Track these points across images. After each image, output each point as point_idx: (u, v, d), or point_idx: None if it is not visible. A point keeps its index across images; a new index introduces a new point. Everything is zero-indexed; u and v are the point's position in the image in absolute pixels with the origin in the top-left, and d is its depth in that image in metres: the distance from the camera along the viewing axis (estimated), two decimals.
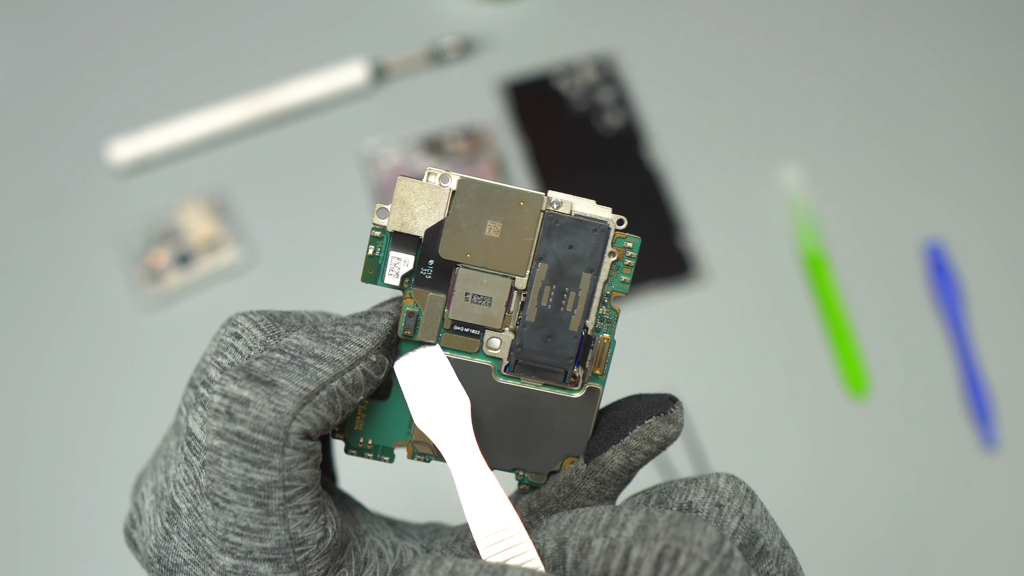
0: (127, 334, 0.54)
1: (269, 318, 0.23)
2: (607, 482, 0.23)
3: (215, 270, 0.55)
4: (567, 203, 0.23)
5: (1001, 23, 0.64)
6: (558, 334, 0.24)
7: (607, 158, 0.59)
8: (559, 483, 0.24)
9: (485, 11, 0.63)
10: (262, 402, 0.21)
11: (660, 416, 0.23)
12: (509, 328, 0.24)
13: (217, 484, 0.21)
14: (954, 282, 0.56)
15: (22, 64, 0.61)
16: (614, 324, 0.24)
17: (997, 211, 0.59)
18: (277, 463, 0.21)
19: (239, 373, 0.21)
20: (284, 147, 0.59)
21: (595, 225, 0.23)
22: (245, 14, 0.63)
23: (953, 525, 0.52)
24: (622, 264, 0.24)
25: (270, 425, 0.20)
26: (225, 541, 0.21)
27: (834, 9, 0.64)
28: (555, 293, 0.24)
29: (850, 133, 0.61)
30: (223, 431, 0.21)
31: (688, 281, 0.56)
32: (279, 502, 0.21)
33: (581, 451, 0.24)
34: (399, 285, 0.24)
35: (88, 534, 0.50)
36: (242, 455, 0.20)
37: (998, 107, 0.62)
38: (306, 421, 0.21)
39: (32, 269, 0.56)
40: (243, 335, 0.23)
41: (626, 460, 0.23)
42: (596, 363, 0.24)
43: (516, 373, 0.24)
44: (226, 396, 0.21)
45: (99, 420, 0.52)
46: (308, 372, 0.21)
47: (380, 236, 0.24)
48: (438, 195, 0.23)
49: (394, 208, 0.23)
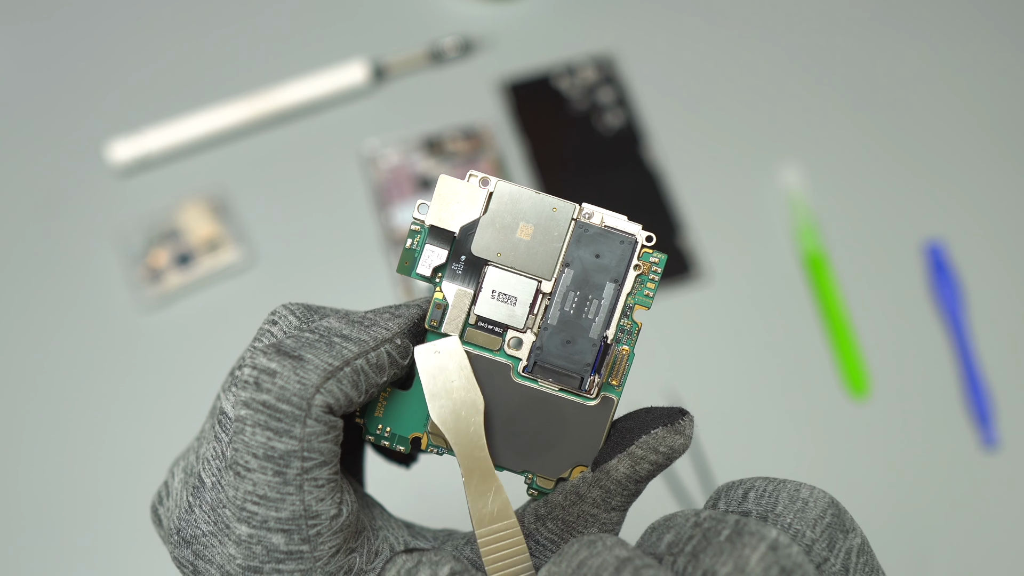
0: (127, 334, 0.54)
1: (306, 307, 0.24)
2: (612, 491, 0.24)
3: (215, 270, 0.55)
4: (599, 214, 0.24)
5: (1001, 23, 0.64)
6: (578, 340, 0.24)
7: (607, 158, 0.59)
8: (566, 490, 0.24)
9: (485, 11, 0.63)
10: (288, 373, 0.21)
11: (667, 427, 0.23)
12: (531, 329, 0.24)
13: (240, 453, 0.22)
14: (954, 282, 0.56)
15: (22, 64, 0.61)
16: (634, 337, 0.24)
17: (997, 211, 0.59)
18: (298, 433, 0.21)
19: (269, 348, 0.22)
20: (284, 147, 0.59)
21: (623, 237, 0.24)
22: (245, 14, 0.63)
23: (953, 525, 0.52)
24: (646, 278, 0.24)
25: (294, 395, 0.21)
26: (243, 510, 0.22)
27: (834, 9, 0.64)
28: (579, 300, 0.24)
29: (850, 133, 0.61)
30: (250, 400, 0.21)
31: (688, 281, 0.56)
32: (297, 471, 0.21)
33: (591, 460, 0.25)
34: (430, 277, 0.24)
35: (88, 534, 0.50)
36: (266, 423, 0.21)
37: (998, 107, 0.62)
38: (329, 395, 0.22)
39: (32, 269, 0.56)
40: (279, 321, 0.24)
41: (631, 469, 0.23)
42: (613, 373, 0.25)
43: (534, 375, 0.24)
44: (255, 368, 0.22)
45: (99, 420, 0.52)
46: (334, 349, 0.22)
47: (418, 231, 0.25)
48: (476, 195, 0.24)
49: (434, 203, 0.24)
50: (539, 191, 0.24)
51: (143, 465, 0.52)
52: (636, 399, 0.53)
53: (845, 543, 0.21)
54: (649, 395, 0.54)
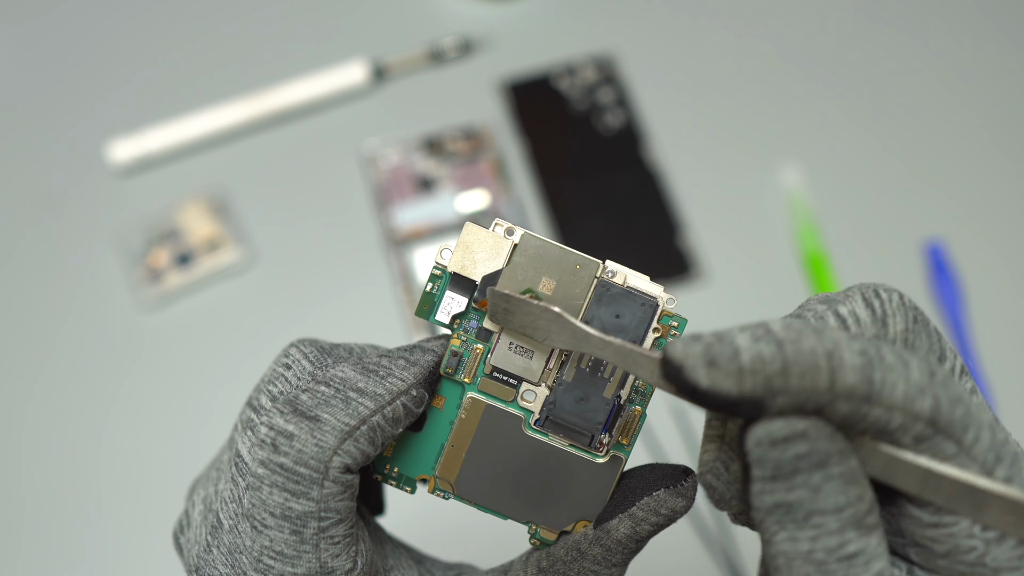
0: (127, 334, 0.54)
1: (319, 350, 0.24)
2: (613, 550, 0.24)
3: (215, 270, 0.55)
4: (621, 274, 0.24)
5: (1001, 23, 0.64)
6: (592, 398, 0.24)
7: (607, 158, 0.59)
8: (568, 545, 0.24)
9: (485, 11, 0.63)
10: (305, 436, 0.22)
11: (669, 489, 0.23)
12: (546, 384, 0.24)
13: (257, 509, 0.22)
14: (954, 282, 0.56)
15: (22, 64, 0.61)
16: (648, 398, 0.25)
17: (997, 211, 0.59)
18: (315, 495, 0.22)
19: (286, 407, 0.22)
20: (284, 147, 0.59)
21: (644, 299, 0.24)
22: (245, 14, 0.63)
23: None
24: (664, 341, 0.24)
25: (312, 459, 0.22)
26: (260, 562, 0.22)
27: (834, 9, 0.64)
28: (595, 358, 0.24)
29: (850, 133, 0.61)
30: (267, 461, 0.22)
31: (688, 281, 0.56)
32: (313, 531, 0.22)
33: (595, 516, 0.25)
34: (449, 324, 0.24)
35: (88, 534, 0.50)
36: (283, 485, 0.22)
37: (998, 107, 0.62)
38: (347, 455, 0.22)
39: (32, 269, 0.56)
40: (293, 366, 0.24)
41: (632, 530, 0.23)
42: (624, 433, 0.25)
43: (545, 428, 0.24)
44: (272, 428, 0.22)
45: (99, 420, 0.52)
46: (350, 406, 0.22)
47: (439, 275, 0.25)
48: (500, 245, 0.24)
49: (457, 250, 0.24)
50: (564, 246, 0.24)
51: (143, 465, 0.52)
52: None
53: None
54: None
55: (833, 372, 0.18)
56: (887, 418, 0.19)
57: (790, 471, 0.19)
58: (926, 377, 0.19)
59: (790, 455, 0.18)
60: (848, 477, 0.19)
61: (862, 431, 0.19)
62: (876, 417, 0.19)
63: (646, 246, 0.57)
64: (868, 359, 0.18)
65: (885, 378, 0.18)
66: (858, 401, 0.18)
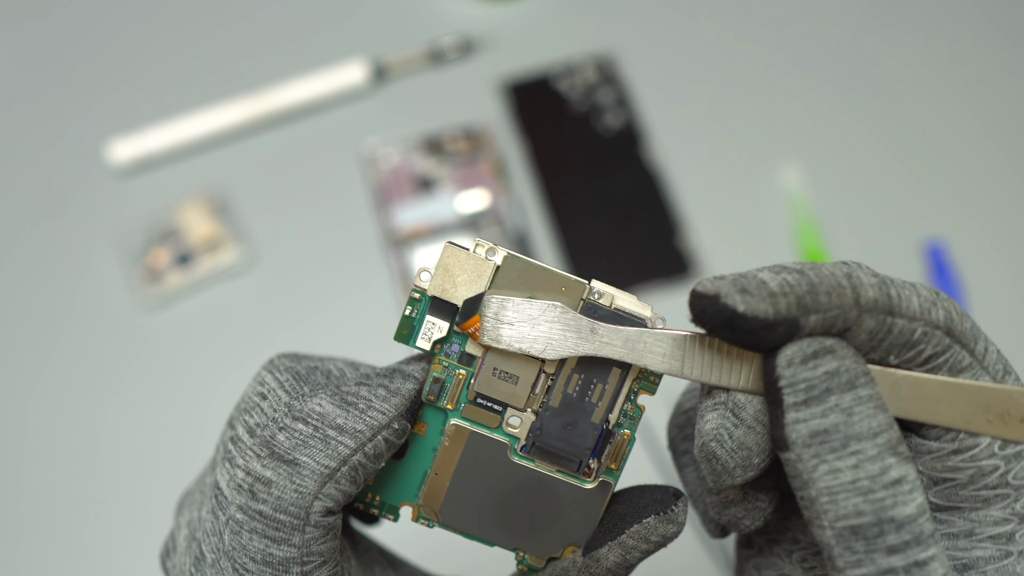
0: (127, 334, 0.54)
1: (294, 377, 0.23)
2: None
3: (215, 270, 0.55)
4: (608, 295, 0.23)
5: (1001, 23, 0.64)
6: (579, 423, 0.24)
7: (607, 158, 0.59)
8: (556, 573, 0.24)
9: (485, 11, 0.63)
10: (284, 483, 0.21)
11: (659, 516, 0.23)
12: (531, 409, 0.24)
13: (238, 552, 0.21)
14: (954, 282, 0.56)
15: (22, 64, 0.61)
16: (636, 421, 0.24)
17: (997, 211, 0.59)
18: (297, 541, 0.21)
19: (263, 449, 0.21)
20: (284, 147, 0.59)
21: (633, 320, 0.23)
22: (245, 14, 0.63)
23: None
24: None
25: (291, 505, 0.21)
26: None
27: (834, 9, 0.64)
28: (583, 382, 0.23)
29: (850, 133, 0.61)
30: (246, 507, 0.21)
31: (688, 281, 0.56)
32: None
33: (583, 542, 0.24)
34: (430, 350, 0.24)
35: (88, 534, 0.50)
36: (263, 532, 0.21)
37: (998, 107, 0.62)
38: (328, 499, 0.21)
39: (32, 269, 0.56)
40: (268, 396, 0.23)
41: (622, 558, 0.23)
42: (612, 458, 0.24)
43: (531, 455, 0.24)
44: (249, 474, 0.21)
45: (99, 420, 0.52)
46: (330, 447, 0.21)
47: (419, 299, 0.23)
48: (482, 268, 0.23)
49: (436, 273, 0.23)
50: (549, 267, 0.23)
51: (143, 465, 0.52)
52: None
53: None
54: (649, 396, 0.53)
55: (855, 289, 0.20)
56: (910, 329, 0.20)
57: (823, 391, 0.19)
58: (933, 294, 0.20)
59: (821, 372, 0.19)
60: (877, 401, 0.19)
61: (887, 350, 0.20)
62: (900, 328, 0.20)
63: (646, 246, 0.57)
64: (881, 279, 0.20)
65: (900, 293, 0.20)
66: (882, 314, 0.20)
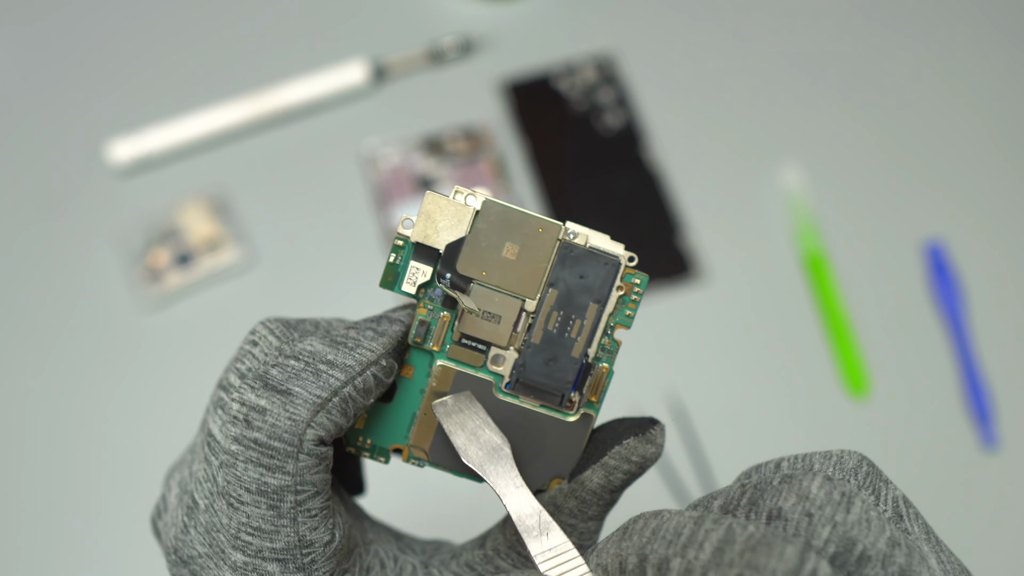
0: (127, 334, 0.54)
1: (284, 325, 0.25)
2: (588, 501, 0.24)
3: (215, 270, 0.55)
4: (583, 235, 0.24)
5: (1001, 23, 0.64)
6: (560, 358, 0.25)
7: (607, 158, 0.59)
8: (543, 502, 0.25)
9: (485, 11, 0.63)
10: (278, 411, 0.22)
11: (639, 437, 0.24)
12: (514, 347, 0.25)
13: (232, 486, 0.22)
14: (954, 282, 0.56)
15: (22, 64, 0.61)
16: (614, 355, 0.25)
17: (997, 211, 0.59)
18: (291, 468, 0.22)
19: (256, 382, 0.22)
20: (284, 147, 0.59)
21: (607, 259, 0.24)
22: (245, 14, 0.63)
23: (953, 525, 0.52)
24: (628, 299, 0.25)
25: (285, 432, 0.22)
26: (237, 539, 0.22)
27: (834, 9, 0.64)
28: (562, 319, 0.25)
29: (850, 133, 0.61)
30: (241, 437, 0.22)
31: (688, 281, 0.56)
32: (290, 505, 0.22)
33: (568, 473, 0.25)
34: (415, 294, 0.24)
35: (88, 534, 0.50)
36: (258, 460, 0.21)
37: (998, 107, 0.62)
38: (320, 428, 0.22)
39: (32, 269, 0.56)
40: (260, 342, 0.24)
41: (605, 480, 0.24)
42: (593, 390, 0.25)
43: (515, 391, 0.25)
44: (244, 404, 0.22)
45: (99, 420, 0.52)
46: (321, 379, 0.22)
47: (402, 246, 0.24)
48: (462, 213, 0.24)
49: (419, 220, 0.24)
50: (526, 210, 0.24)
51: (143, 465, 0.52)
52: (635, 401, 0.53)
53: (888, 492, 0.22)
54: (649, 396, 0.54)
55: None
56: None
57: None
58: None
59: None
60: None
61: None
62: None
63: (646, 246, 0.57)
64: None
65: None
66: None
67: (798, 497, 0.20)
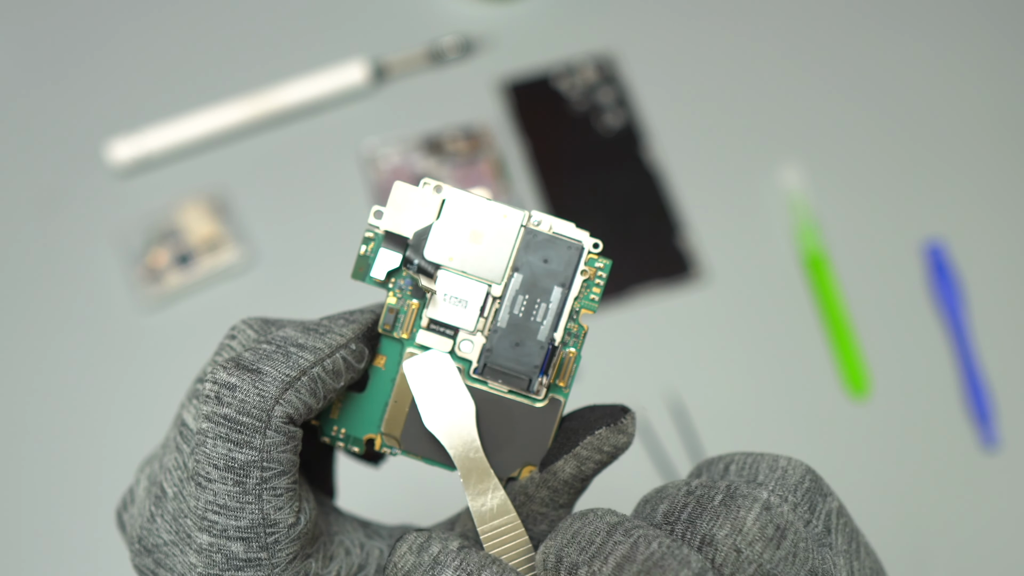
0: (127, 334, 0.54)
1: (264, 321, 0.25)
2: (560, 490, 0.24)
3: (215, 270, 0.55)
4: (547, 222, 0.25)
5: (1001, 23, 0.64)
6: (526, 343, 0.25)
7: (607, 158, 0.59)
8: (515, 491, 0.25)
9: (485, 11, 0.63)
10: (247, 387, 0.22)
11: (610, 427, 0.24)
12: (482, 332, 0.25)
13: (202, 464, 0.22)
14: (954, 282, 0.56)
15: (22, 64, 0.61)
16: (581, 340, 0.25)
17: (997, 211, 0.59)
18: (258, 444, 0.22)
19: (229, 363, 0.23)
20: (284, 147, 0.59)
21: (570, 243, 0.25)
22: (245, 14, 0.63)
23: (953, 525, 0.52)
24: (592, 283, 0.25)
25: (254, 408, 0.22)
26: (204, 519, 0.22)
27: (834, 9, 0.64)
28: (527, 303, 0.25)
29: (850, 133, 0.61)
30: (211, 414, 0.22)
31: (688, 281, 0.56)
32: (256, 482, 0.22)
33: (539, 460, 0.25)
34: (384, 281, 0.25)
35: (88, 534, 0.50)
36: (227, 436, 0.22)
37: (998, 107, 0.62)
38: (288, 405, 0.23)
39: (32, 269, 0.56)
40: (238, 335, 0.25)
41: (577, 469, 0.24)
42: (560, 375, 0.25)
43: (484, 376, 0.25)
44: (216, 383, 0.22)
45: (99, 420, 0.52)
46: (291, 359, 0.23)
47: (373, 237, 0.25)
48: (430, 202, 0.25)
49: (388, 209, 0.25)
50: (490, 199, 0.25)
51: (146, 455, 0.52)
52: (635, 399, 0.53)
53: (824, 506, 0.22)
54: (649, 396, 0.54)
55: None
56: None
57: None
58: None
59: None
60: None
61: None
62: None
63: (646, 246, 0.57)
64: None
65: None
66: None
67: (732, 528, 0.21)
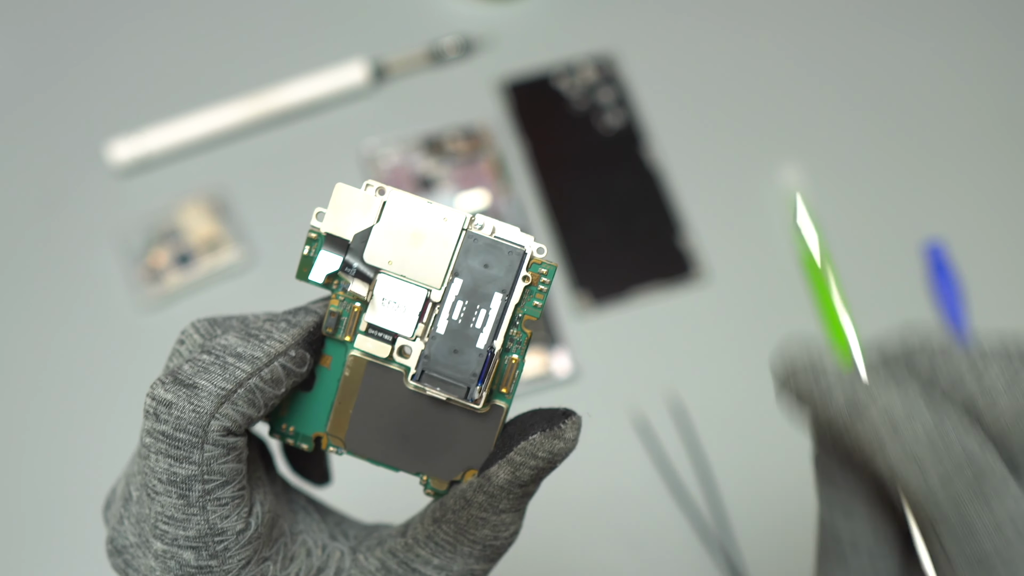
0: (127, 334, 0.54)
1: (211, 323, 0.26)
2: (497, 496, 0.24)
3: (215, 270, 0.55)
4: (489, 225, 0.25)
5: (1001, 23, 0.64)
6: (465, 350, 0.24)
7: (607, 158, 0.59)
8: (455, 495, 0.25)
9: (485, 11, 0.63)
10: (183, 403, 0.23)
11: (544, 432, 0.23)
12: (421, 338, 0.25)
13: (148, 477, 0.23)
14: (954, 282, 0.56)
15: (22, 64, 0.61)
16: (524, 346, 0.25)
17: (997, 211, 0.59)
18: (197, 458, 0.23)
19: (168, 377, 0.23)
20: (284, 147, 0.59)
21: (511, 248, 0.24)
22: (245, 14, 0.63)
23: None
24: (535, 289, 0.25)
25: (190, 424, 0.23)
26: (156, 528, 0.23)
27: (834, 9, 0.64)
28: (467, 309, 0.24)
29: (850, 133, 0.61)
30: (152, 430, 0.23)
31: (688, 281, 0.56)
32: (199, 494, 0.23)
33: (481, 465, 0.25)
34: (325, 284, 0.25)
35: (88, 534, 0.50)
36: (166, 452, 0.23)
37: (998, 107, 0.62)
38: (225, 419, 0.23)
39: (32, 269, 0.56)
40: (186, 340, 0.25)
41: (512, 475, 0.24)
42: (502, 382, 0.25)
43: (422, 383, 0.24)
44: (154, 399, 0.23)
45: (99, 420, 0.52)
46: (228, 371, 0.23)
47: (316, 238, 0.25)
48: (371, 204, 0.25)
49: (330, 211, 0.25)
50: (432, 201, 0.25)
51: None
52: (634, 398, 0.53)
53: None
54: (649, 396, 0.54)
55: None
56: None
57: None
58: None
59: None
60: None
61: None
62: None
63: (646, 246, 0.57)
64: None
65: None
66: None
67: None
